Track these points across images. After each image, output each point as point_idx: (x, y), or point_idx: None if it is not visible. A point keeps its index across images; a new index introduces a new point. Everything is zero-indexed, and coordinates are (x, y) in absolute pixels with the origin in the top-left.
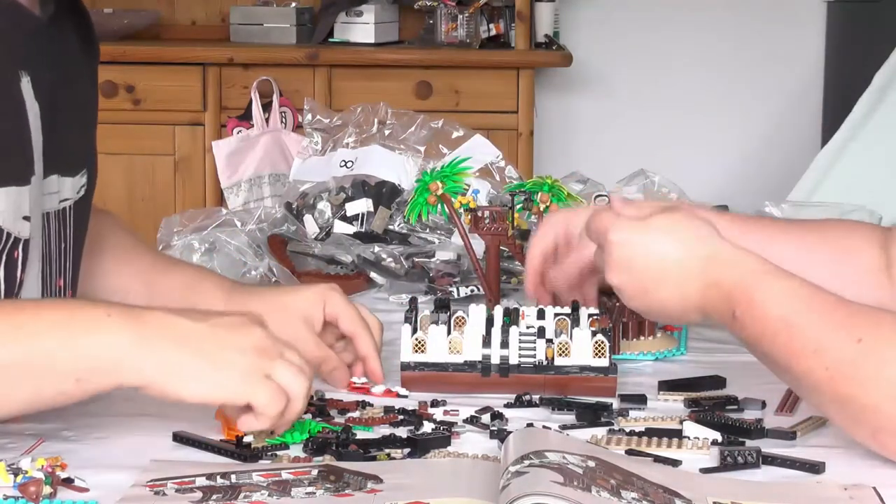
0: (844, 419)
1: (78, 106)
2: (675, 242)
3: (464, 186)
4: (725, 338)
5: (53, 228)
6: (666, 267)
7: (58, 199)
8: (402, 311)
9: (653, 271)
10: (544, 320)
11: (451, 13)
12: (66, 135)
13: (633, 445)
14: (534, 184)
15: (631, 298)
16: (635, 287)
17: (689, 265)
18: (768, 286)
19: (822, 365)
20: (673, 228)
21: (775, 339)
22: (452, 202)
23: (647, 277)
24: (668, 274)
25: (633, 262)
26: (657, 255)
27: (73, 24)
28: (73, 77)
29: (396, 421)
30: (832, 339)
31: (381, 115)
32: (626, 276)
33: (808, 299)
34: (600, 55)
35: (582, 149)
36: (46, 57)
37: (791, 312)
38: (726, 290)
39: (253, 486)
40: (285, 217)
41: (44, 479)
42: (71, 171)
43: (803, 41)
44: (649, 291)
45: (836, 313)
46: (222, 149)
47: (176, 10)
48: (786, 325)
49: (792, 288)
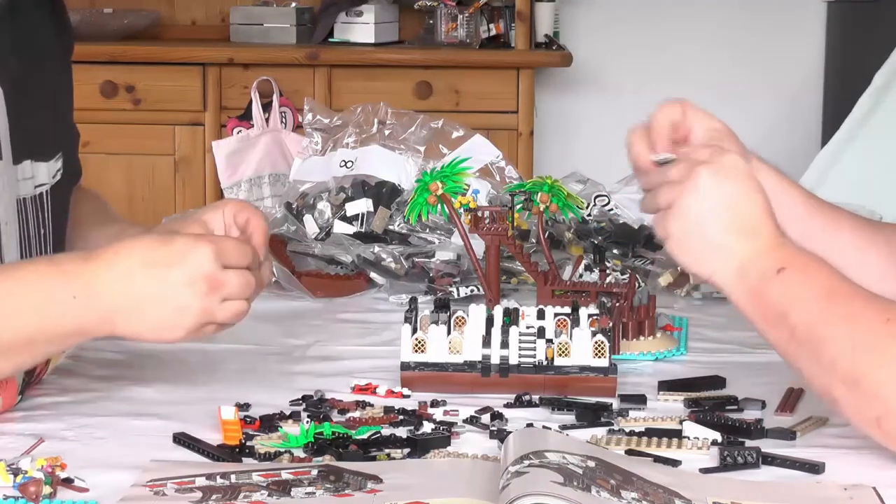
0: (851, 401)
1: (49, 91)
2: (759, 206)
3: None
4: (725, 338)
5: (31, 214)
6: (739, 215)
7: (33, 184)
8: (402, 311)
9: (723, 211)
10: (544, 320)
11: (451, 13)
12: (36, 119)
13: (633, 445)
14: (534, 184)
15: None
16: (697, 215)
17: (761, 228)
18: (819, 261)
19: (848, 335)
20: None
21: (811, 304)
22: (452, 202)
23: (714, 214)
24: (736, 220)
25: (707, 212)
26: (737, 205)
27: (47, 12)
28: (43, 63)
29: (396, 421)
30: (864, 314)
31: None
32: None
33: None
34: (600, 55)
35: (582, 149)
36: (9, 41)
37: (834, 284)
38: (783, 252)
39: (253, 486)
40: (285, 217)
41: (43, 479)
42: (44, 156)
43: (803, 41)
44: (705, 225)
45: (875, 296)
46: (222, 149)
47: (176, 10)
48: (827, 291)
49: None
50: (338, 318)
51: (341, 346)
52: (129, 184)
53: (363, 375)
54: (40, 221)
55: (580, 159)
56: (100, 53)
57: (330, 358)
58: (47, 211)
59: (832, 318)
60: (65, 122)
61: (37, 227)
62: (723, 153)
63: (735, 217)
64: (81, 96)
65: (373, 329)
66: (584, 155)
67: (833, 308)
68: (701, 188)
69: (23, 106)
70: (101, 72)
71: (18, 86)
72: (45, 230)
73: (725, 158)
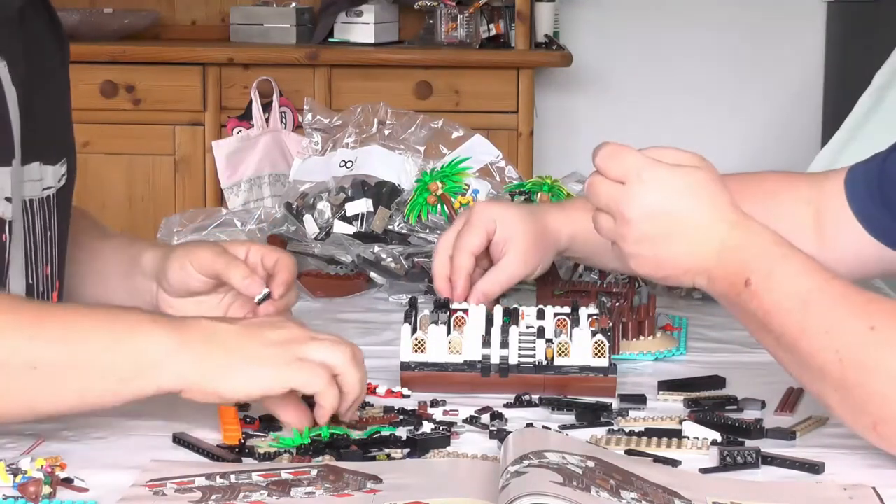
0: (846, 408)
1: (54, 96)
2: (707, 199)
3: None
4: (725, 338)
5: (38, 216)
6: (692, 219)
7: (41, 186)
8: (401, 311)
9: (677, 220)
10: (544, 320)
11: (451, 13)
12: (44, 123)
13: (632, 445)
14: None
15: (639, 242)
16: (652, 230)
17: (715, 225)
18: (788, 262)
19: (833, 347)
20: (706, 185)
21: (788, 315)
22: (452, 202)
23: (669, 224)
24: (692, 227)
25: (661, 205)
26: (687, 206)
27: (45, 19)
28: (48, 68)
29: (396, 421)
30: (846, 323)
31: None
32: (646, 218)
33: (826, 281)
34: (600, 55)
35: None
36: (21, 45)
37: (808, 291)
38: (746, 257)
39: (252, 486)
40: (285, 217)
41: (43, 479)
42: (52, 160)
43: (803, 41)
44: (665, 239)
45: (853, 298)
46: (222, 149)
47: (176, 10)
48: (801, 302)
49: (811, 268)
50: (338, 318)
51: None
52: (129, 184)
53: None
54: (46, 224)
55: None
56: (100, 53)
57: None
58: (53, 214)
59: (813, 330)
60: (68, 128)
61: (43, 230)
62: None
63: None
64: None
65: (373, 329)
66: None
67: (811, 320)
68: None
69: (33, 109)
70: (101, 72)
71: (29, 88)
72: (51, 233)
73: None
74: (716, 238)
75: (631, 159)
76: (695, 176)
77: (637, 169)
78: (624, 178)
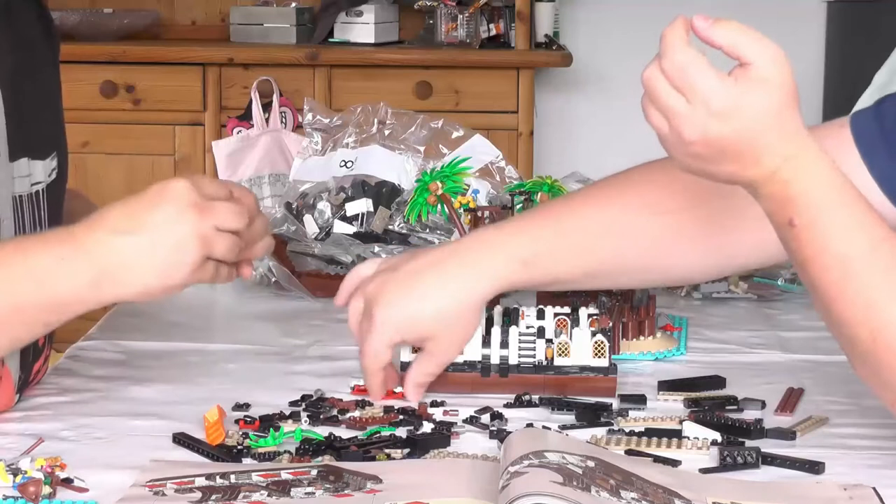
0: (872, 377)
1: (43, 91)
2: (772, 128)
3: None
4: (725, 338)
5: (28, 212)
6: (750, 148)
7: (29, 182)
8: None
9: (734, 145)
10: (544, 320)
11: (451, 13)
12: (32, 118)
13: (632, 445)
14: (534, 184)
15: (692, 157)
16: (706, 153)
17: (769, 157)
18: (839, 212)
19: (869, 325)
20: (775, 115)
21: (826, 273)
22: (452, 202)
23: (725, 147)
24: (748, 153)
25: (722, 133)
26: (749, 137)
27: (34, 13)
28: (37, 63)
29: (396, 421)
30: (887, 300)
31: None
32: (703, 143)
33: (877, 244)
34: (600, 55)
35: (582, 149)
36: (7, 41)
37: (853, 254)
38: (792, 194)
39: (252, 486)
40: (285, 217)
41: (43, 479)
42: (41, 154)
43: (803, 41)
44: (718, 159)
45: None
46: (222, 149)
47: (176, 10)
48: (843, 265)
49: (865, 223)
50: (338, 318)
51: (341, 346)
52: (129, 184)
53: (363, 375)
54: (36, 220)
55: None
56: (100, 53)
57: (330, 358)
58: (43, 209)
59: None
60: (58, 122)
61: (33, 225)
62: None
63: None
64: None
65: None
66: (584, 155)
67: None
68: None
69: (20, 104)
70: (101, 72)
71: (16, 84)
72: (41, 227)
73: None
74: (767, 167)
75: (701, 83)
76: (765, 103)
77: (705, 97)
78: (690, 96)
